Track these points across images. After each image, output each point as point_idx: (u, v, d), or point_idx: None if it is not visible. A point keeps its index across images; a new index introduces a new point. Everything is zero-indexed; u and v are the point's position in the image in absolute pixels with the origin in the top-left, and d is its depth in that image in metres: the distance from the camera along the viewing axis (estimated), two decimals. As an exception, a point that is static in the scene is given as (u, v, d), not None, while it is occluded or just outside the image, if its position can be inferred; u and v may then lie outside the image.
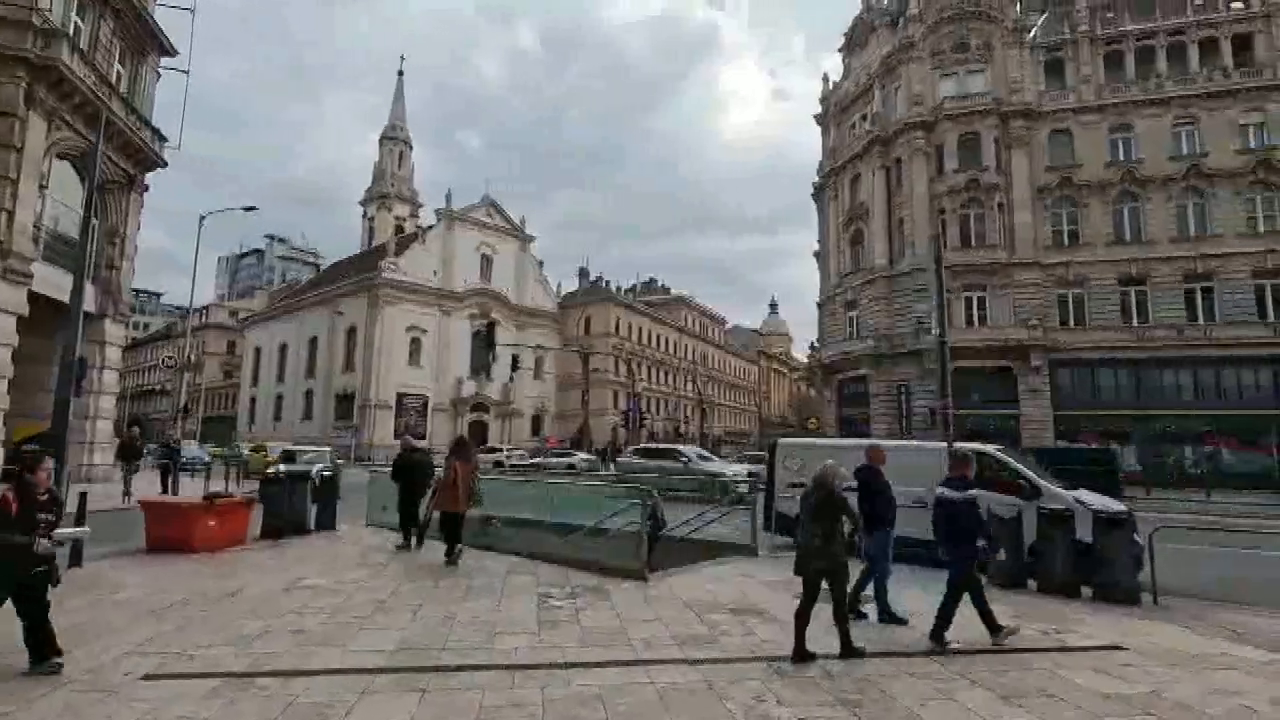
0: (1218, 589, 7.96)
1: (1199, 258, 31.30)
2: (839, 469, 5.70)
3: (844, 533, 5.45)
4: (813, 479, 5.65)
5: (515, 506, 10.58)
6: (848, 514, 5.51)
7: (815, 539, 5.30)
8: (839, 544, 5.34)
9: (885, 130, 37.38)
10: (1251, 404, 29.72)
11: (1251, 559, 10.41)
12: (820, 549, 5.28)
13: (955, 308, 34.21)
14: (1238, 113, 31.80)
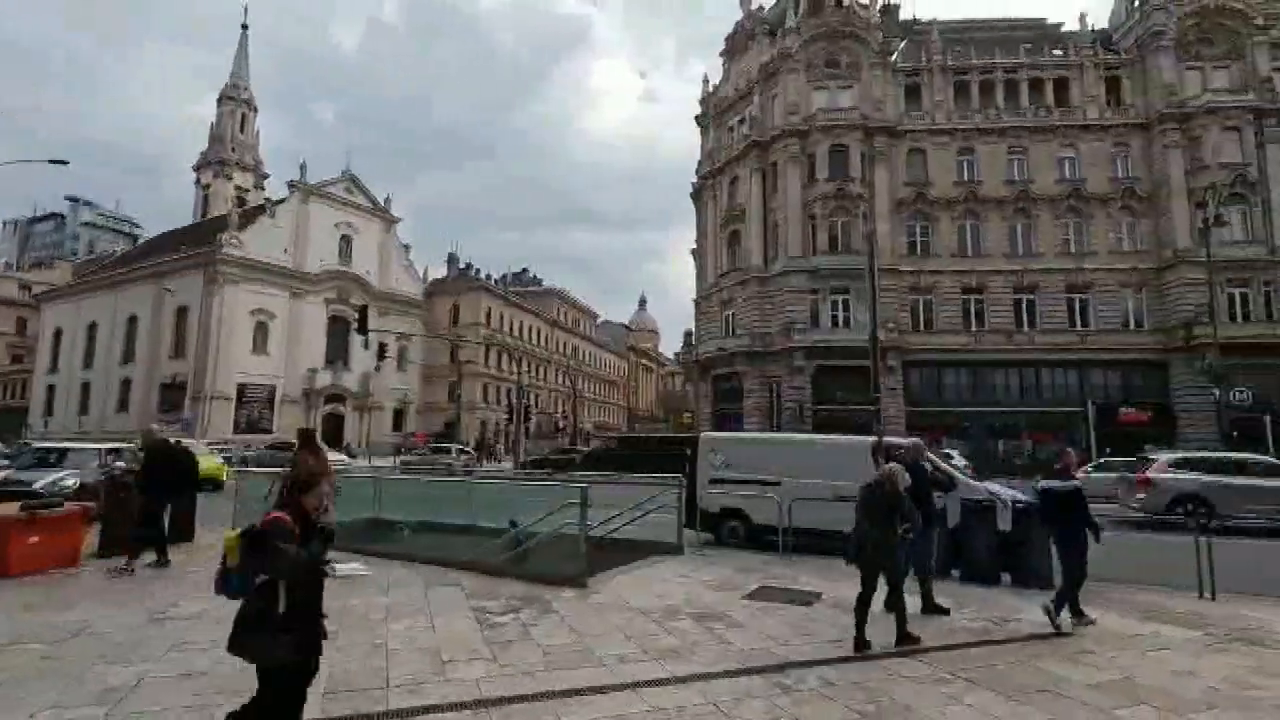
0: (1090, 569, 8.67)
1: (1025, 272, 35.41)
2: (902, 470, 5.95)
3: (900, 529, 5.69)
4: (876, 477, 5.92)
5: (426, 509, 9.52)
6: (907, 513, 5.77)
7: (874, 534, 5.54)
8: (895, 539, 5.64)
9: (763, 136, 38.83)
10: (1061, 402, 34.11)
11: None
12: (879, 543, 5.51)
13: (822, 309, 36.35)
14: (1056, 147, 36.33)
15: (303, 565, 3.02)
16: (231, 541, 3.03)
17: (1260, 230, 32.87)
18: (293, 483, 3.30)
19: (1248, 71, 34.47)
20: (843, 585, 7.58)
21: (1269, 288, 32.53)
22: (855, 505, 5.81)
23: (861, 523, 5.63)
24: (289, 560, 2.94)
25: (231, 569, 3.01)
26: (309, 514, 3.24)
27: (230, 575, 3.01)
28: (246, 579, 2.99)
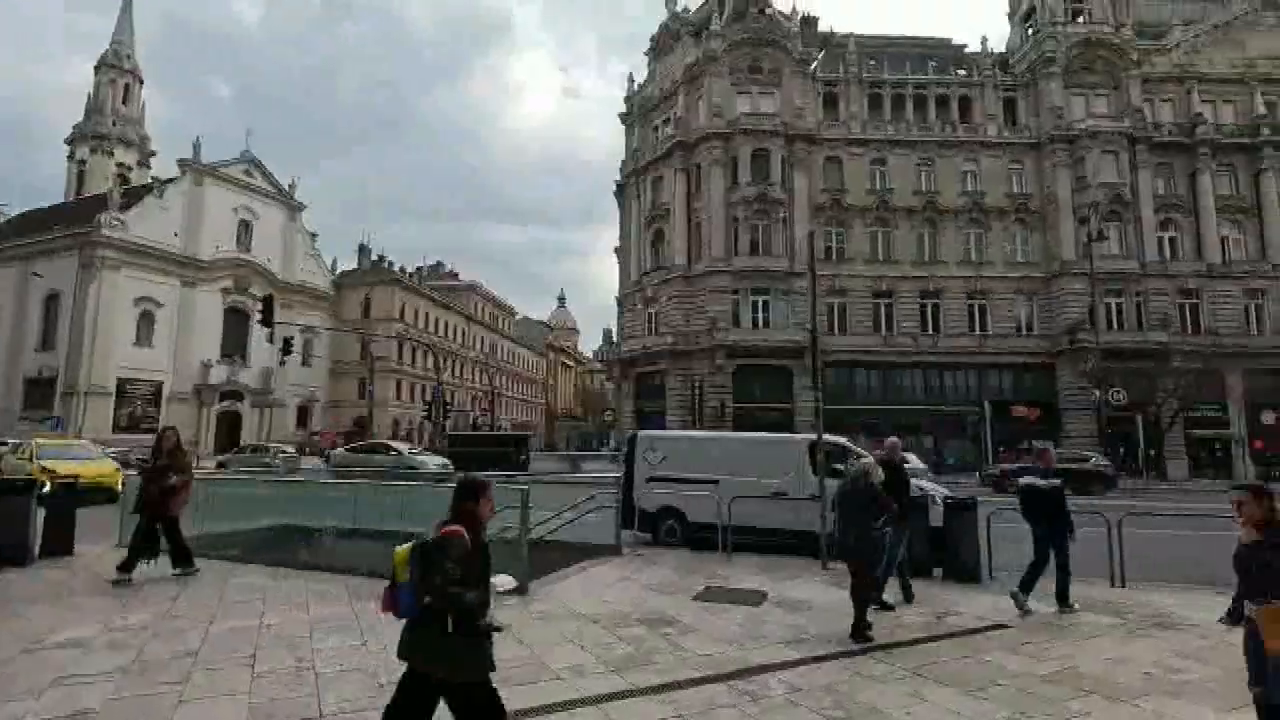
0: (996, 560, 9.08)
1: (931, 278, 37.44)
2: (876, 466, 6.30)
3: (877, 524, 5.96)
4: (852, 474, 6.14)
5: (351, 512, 8.85)
6: (885, 508, 5.99)
7: (856, 529, 5.81)
8: (875, 532, 5.91)
9: (687, 137, 39.17)
10: (962, 401, 36.23)
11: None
12: (861, 536, 5.77)
13: (743, 310, 37.09)
14: (960, 161, 38.60)
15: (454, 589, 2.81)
16: (401, 556, 2.89)
17: (1133, 246, 36.14)
18: (461, 488, 3.11)
19: (1123, 101, 37.81)
20: (787, 584, 7.61)
21: (1139, 298, 35.81)
22: (834, 502, 6.04)
23: (843, 518, 5.85)
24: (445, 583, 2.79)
25: (402, 585, 2.86)
26: (483, 523, 3.10)
27: (401, 593, 2.86)
28: (417, 595, 2.84)
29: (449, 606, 2.80)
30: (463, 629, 2.82)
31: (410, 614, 2.86)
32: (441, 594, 2.78)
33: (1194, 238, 36.90)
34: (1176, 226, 37.21)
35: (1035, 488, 6.93)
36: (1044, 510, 6.81)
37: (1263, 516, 3.35)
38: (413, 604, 2.84)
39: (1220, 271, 36.29)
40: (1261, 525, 3.35)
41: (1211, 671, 4.85)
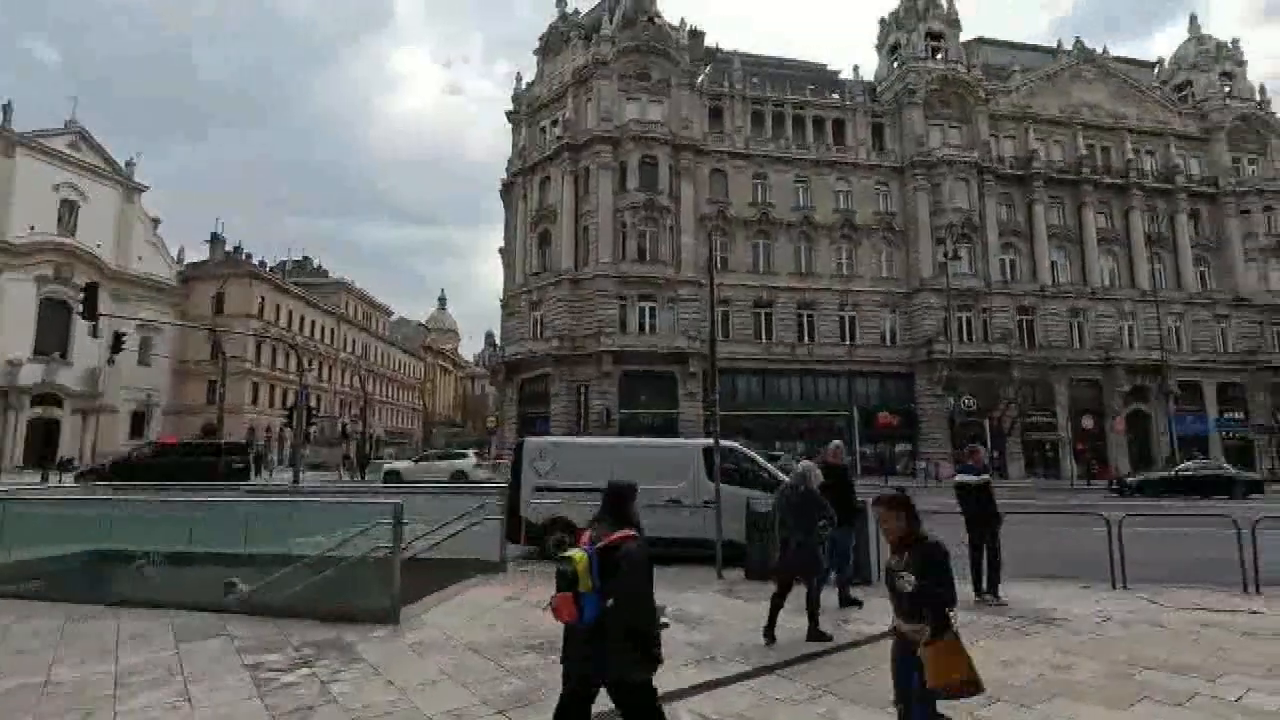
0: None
1: (807, 290, 39.24)
2: (814, 468, 6.16)
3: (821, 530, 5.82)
4: (792, 478, 5.97)
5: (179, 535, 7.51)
6: (825, 512, 5.86)
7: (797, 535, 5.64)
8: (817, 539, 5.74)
9: (576, 139, 38.72)
10: (833, 407, 38.16)
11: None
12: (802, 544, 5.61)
13: (630, 316, 37.08)
14: (834, 180, 40.84)
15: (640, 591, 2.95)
16: (582, 565, 2.87)
17: (981, 266, 39.75)
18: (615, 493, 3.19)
19: (974, 134, 41.63)
20: (683, 597, 7.26)
21: (985, 314, 39.43)
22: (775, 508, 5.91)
23: (782, 525, 5.70)
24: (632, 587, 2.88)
25: (584, 594, 2.84)
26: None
27: (586, 601, 2.84)
28: (599, 601, 2.84)
29: (637, 609, 2.88)
30: (648, 630, 2.91)
31: (593, 621, 2.85)
32: (630, 597, 2.85)
33: (1030, 261, 41.20)
34: (1016, 250, 41.40)
35: (967, 484, 7.34)
36: (975, 504, 7.24)
37: (903, 531, 3.03)
38: (597, 611, 2.83)
39: (1051, 292, 40.75)
40: (897, 542, 3.06)
41: (1097, 667, 4.99)
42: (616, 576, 2.85)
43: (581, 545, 3.03)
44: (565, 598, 2.88)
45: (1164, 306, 40.40)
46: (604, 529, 3.04)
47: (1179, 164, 43.82)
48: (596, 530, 3.05)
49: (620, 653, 2.88)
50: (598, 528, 3.07)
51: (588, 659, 2.93)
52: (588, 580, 2.86)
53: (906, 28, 43.00)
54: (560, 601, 2.89)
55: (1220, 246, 43.14)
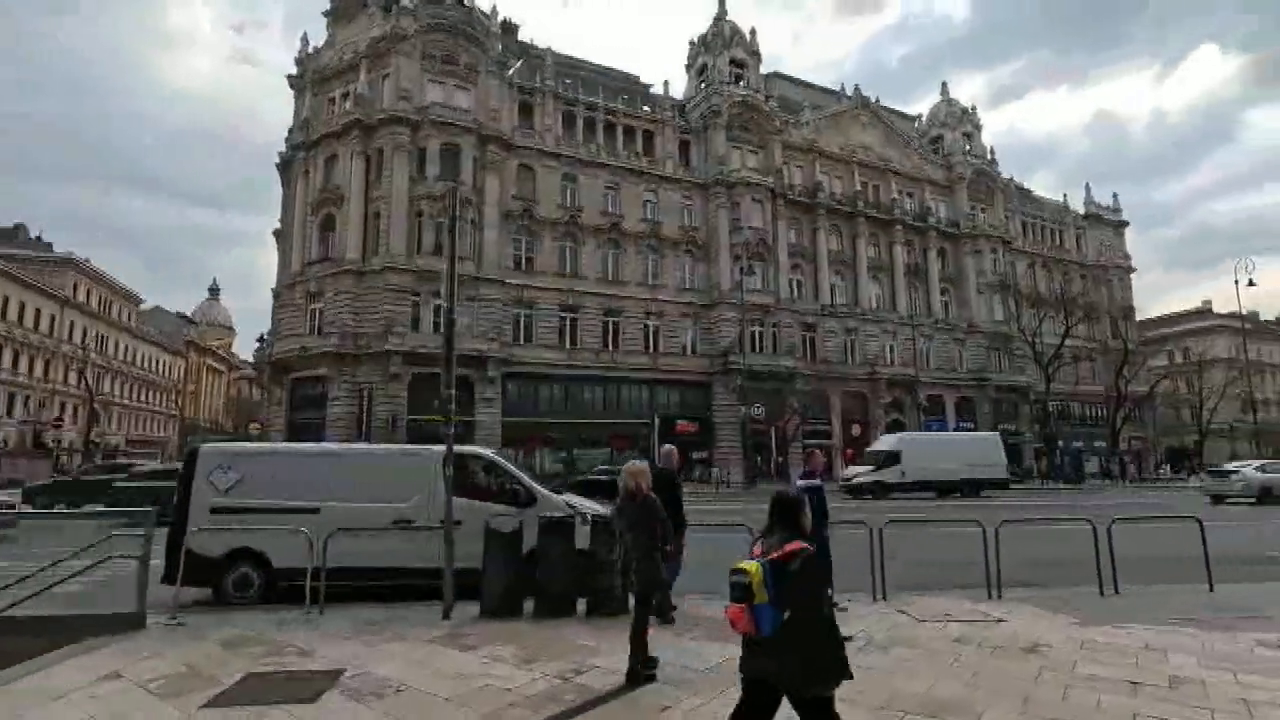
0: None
1: (613, 297, 38.97)
2: (646, 470, 5.35)
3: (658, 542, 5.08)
4: (623, 487, 5.20)
5: None
6: (663, 523, 5.14)
7: (637, 550, 4.96)
8: (658, 551, 5.07)
9: (369, 117, 35.05)
10: (637, 415, 38.20)
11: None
12: (643, 559, 4.94)
13: (424, 313, 34.14)
14: (642, 190, 41.18)
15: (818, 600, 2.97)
16: (756, 575, 2.84)
17: (772, 283, 42.28)
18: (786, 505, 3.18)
19: (770, 160, 44.39)
20: (383, 650, 5.53)
21: (775, 328, 41.96)
22: (613, 521, 5.34)
23: (624, 540, 5.09)
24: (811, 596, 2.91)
25: (760, 606, 2.83)
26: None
27: (759, 612, 2.82)
28: (777, 614, 2.83)
29: (816, 621, 2.86)
30: (828, 642, 2.88)
31: (772, 632, 2.82)
32: (808, 610, 2.85)
33: (814, 282, 44.72)
34: (802, 271, 44.72)
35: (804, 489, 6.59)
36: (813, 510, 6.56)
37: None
38: (775, 623, 2.83)
39: (829, 311, 44.51)
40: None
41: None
42: (792, 589, 2.85)
43: (753, 556, 3.01)
44: (739, 610, 2.87)
45: (917, 329, 46.01)
46: (776, 541, 3.03)
47: (931, 206, 50.41)
48: (767, 543, 3.06)
49: (798, 666, 2.87)
50: (768, 540, 3.07)
51: (760, 669, 2.96)
52: (763, 593, 2.85)
53: (714, 51, 44.85)
54: (735, 614, 2.89)
55: (959, 280, 50.23)
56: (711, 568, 8.13)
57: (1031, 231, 56.16)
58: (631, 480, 5.14)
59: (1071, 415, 52.31)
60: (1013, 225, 53.93)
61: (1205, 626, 6.18)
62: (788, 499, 3.20)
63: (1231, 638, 5.75)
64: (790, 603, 2.82)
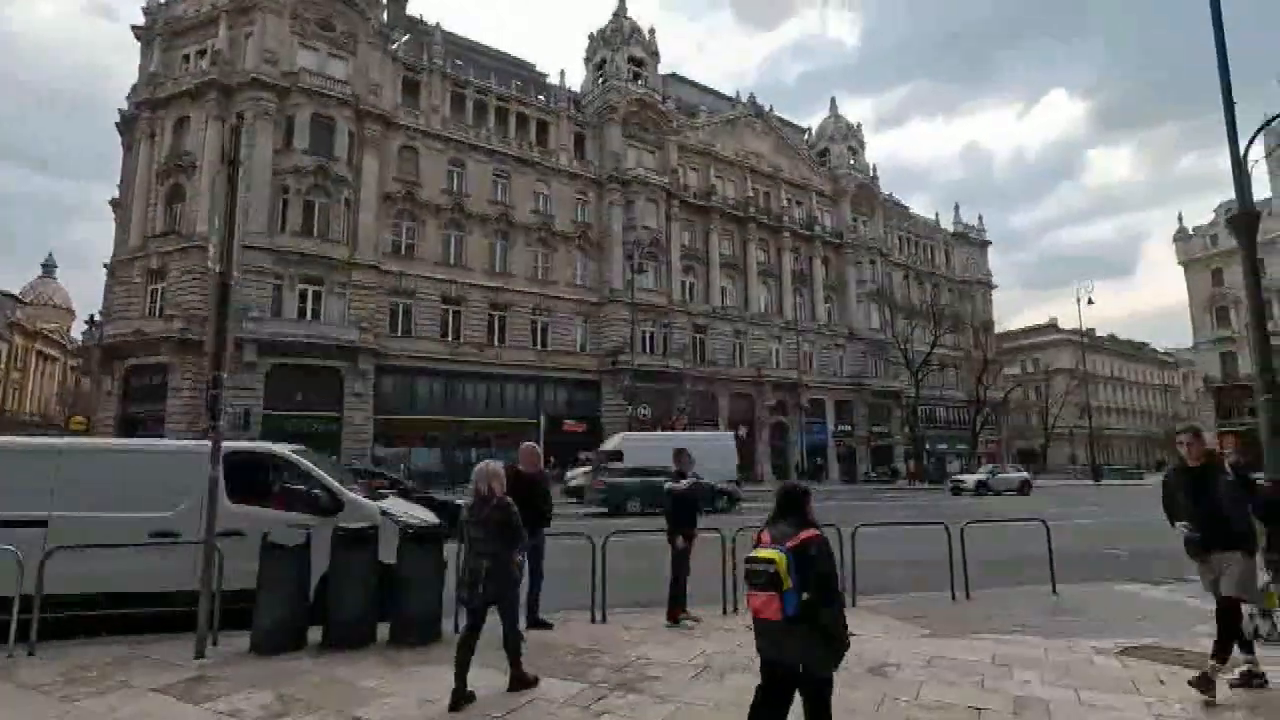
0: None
1: (500, 290, 37.38)
2: (500, 470, 4.85)
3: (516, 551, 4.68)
4: (476, 489, 4.70)
5: None
6: (517, 530, 4.65)
7: (487, 561, 4.48)
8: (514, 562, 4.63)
9: (229, 79, 31.68)
10: (522, 413, 36.82)
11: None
12: (494, 571, 4.47)
13: (287, 299, 31.26)
14: (534, 181, 39.83)
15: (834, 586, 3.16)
16: (782, 562, 3.02)
17: (665, 283, 42.16)
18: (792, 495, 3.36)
19: (665, 160, 44.29)
20: (84, 704, 4.23)
21: (666, 329, 41.85)
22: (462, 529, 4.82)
23: (476, 544, 4.59)
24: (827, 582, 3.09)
25: (786, 590, 3.00)
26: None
27: (787, 596, 3.00)
28: (797, 598, 3.00)
29: (831, 605, 3.06)
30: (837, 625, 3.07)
31: (793, 615, 2.99)
32: (825, 594, 3.04)
33: (705, 284, 45.04)
34: (695, 273, 44.93)
35: (673, 491, 6.64)
36: (684, 513, 6.57)
37: None
38: (796, 607, 2.99)
39: (720, 314, 44.99)
40: None
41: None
42: (809, 574, 3.02)
43: (763, 545, 3.15)
44: (770, 596, 3.02)
45: (802, 334, 47.46)
46: (787, 529, 3.17)
47: (817, 216, 52.25)
48: (778, 531, 3.18)
49: (814, 647, 3.06)
50: (779, 528, 3.19)
51: (788, 651, 3.10)
52: (788, 578, 2.99)
53: (612, 46, 44.20)
54: (765, 600, 3.04)
55: (841, 288, 52.36)
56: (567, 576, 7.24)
57: (906, 245, 59.55)
58: (484, 483, 4.64)
59: (937, 419, 55.82)
60: (890, 239, 56.91)
61: (1048, 634, 6.00)
62: (795, 490, 3.40)
63: (1072, 646, 5.54)
64: (810, 585, 3.01)
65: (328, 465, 7.29)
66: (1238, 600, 4.38)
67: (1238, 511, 4.40)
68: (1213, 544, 4.37)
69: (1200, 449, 4.55)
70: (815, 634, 3.02)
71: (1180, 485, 4.61)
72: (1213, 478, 4.47)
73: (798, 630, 3.01)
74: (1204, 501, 4.42)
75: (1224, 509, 4.35)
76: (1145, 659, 4.26)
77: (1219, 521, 4.34)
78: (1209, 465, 4.54)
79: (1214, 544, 4.37)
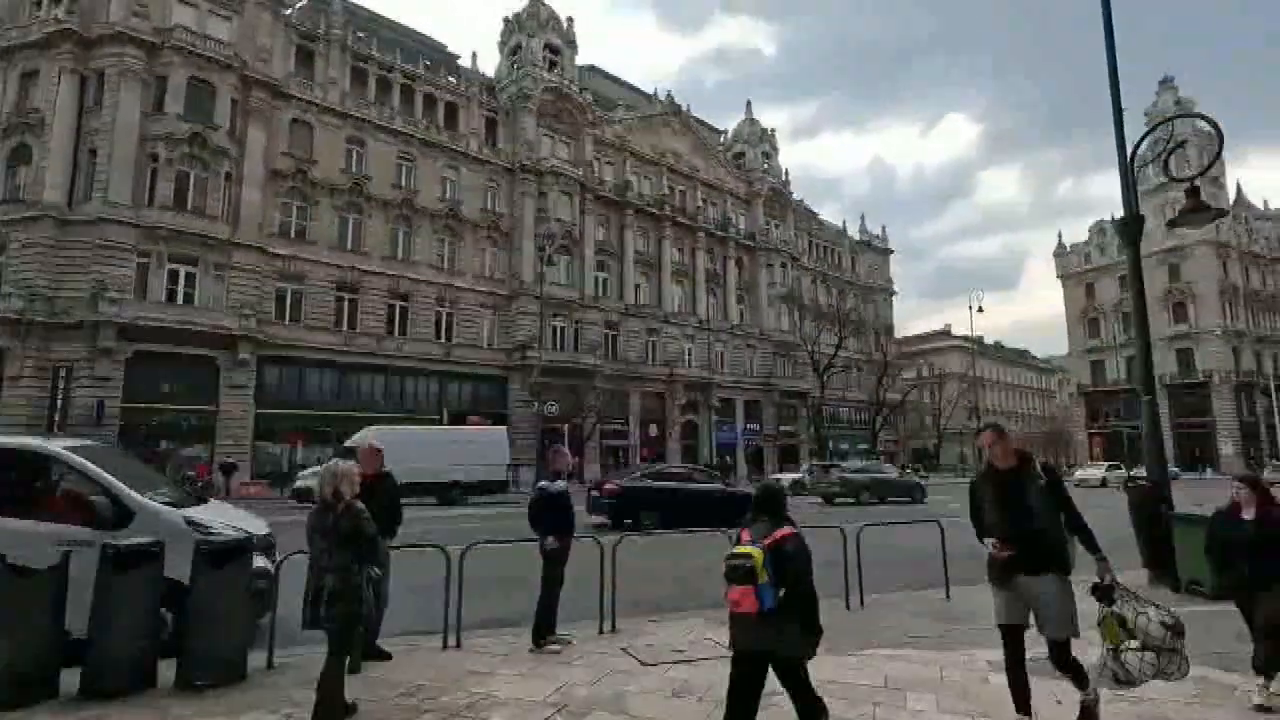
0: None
1: (402, 278, 35.33)
2: (351, 477, 4.09)
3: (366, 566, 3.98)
4: (320, 493, 4.03)
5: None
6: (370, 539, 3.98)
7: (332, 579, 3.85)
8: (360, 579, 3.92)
9: (88, 30, 28.29)
10: (423, 409, 34.96)
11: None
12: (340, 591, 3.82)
13: (155, 280, 28.25)
14: (442, 166, 37.93)
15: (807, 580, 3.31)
16: (759, 560, 3.17)
17: (578, 279, 41.20)
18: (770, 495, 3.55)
19: (580, 152, 43.32)
20: None
21: (578, 325, 40.91)
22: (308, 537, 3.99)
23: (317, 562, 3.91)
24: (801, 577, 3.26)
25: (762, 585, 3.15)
26: None
27: (764, 590, 3.15)
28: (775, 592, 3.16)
29: (807, 596, 3.26)
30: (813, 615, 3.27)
31: (770, 608, 3.14)
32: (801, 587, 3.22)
33: (619, 280, 44.41)
34: (608, 269, 44.21)
35: (544, 491, 5.69)
36: (558, 516, 5.65)
37: None
38: (774, 600, 3.15)
39: (633, 311, 44.47)
40: None
41: None
42: (786, 569, 3.17)
43: (743, 542, 3.30)
44: (746, 591, 3.16)
45: (714, 334, 47.71)
46: (765, 527, 3.33)
47: (732, 218, 52.72)
48: (757, 529, 3.35)
49: (793, 635, 3.22)
50: (758, 527, 3.36)
51: (762, 642, 3.23)
52: (764, 573, 3.15)
53: (528, 32, 42.80)
54: (742, 594, 3.17)
55: (753, 290, 53.07)
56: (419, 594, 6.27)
57: (815, 251, 61.20)
58: (329, 485, 4.01)
59: (841, 420, 57.65)
60: (801, 243, 58.28)
61: (943, 645, 5.62)
62: (771, 490, 3.57)
63: (969, 661, 5.15)
64: (787, 580, 3.17)
65: (125, 465, 6.00)
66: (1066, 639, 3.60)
67: (1053, 523, 3.64)
68: (1024, 563, 3.60)
69: (1007, 448, 3.77)
70: (791, 625, 3.18)
71: (987, 492, 3.83)
72: (1027, 482, 3.68)
73: (773, 621, 3.14)
74: (1015, 511, 3.64)
75: (1036, 520, 3.59)
76: (1041, 674, 3.81)
77: (1032, 536, 3.58)
78: (1021, 468, 3.76)
79: (1025, 563, 3.60)
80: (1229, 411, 59.04)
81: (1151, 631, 3.51)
